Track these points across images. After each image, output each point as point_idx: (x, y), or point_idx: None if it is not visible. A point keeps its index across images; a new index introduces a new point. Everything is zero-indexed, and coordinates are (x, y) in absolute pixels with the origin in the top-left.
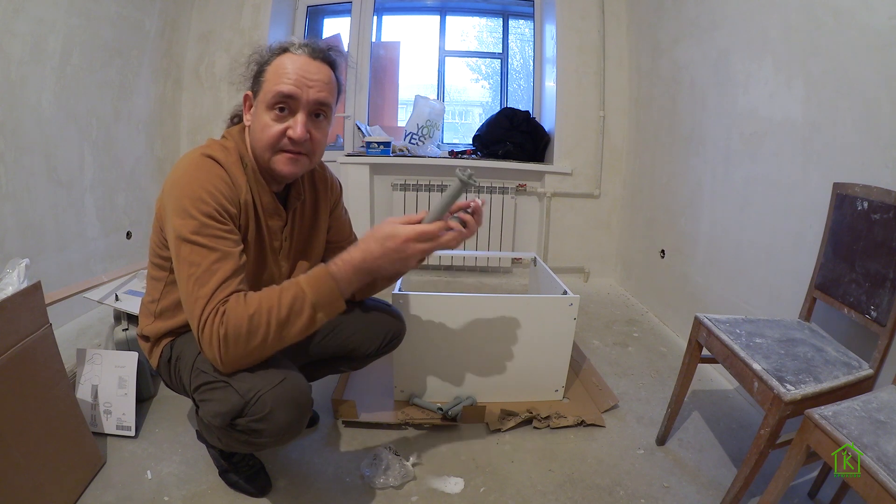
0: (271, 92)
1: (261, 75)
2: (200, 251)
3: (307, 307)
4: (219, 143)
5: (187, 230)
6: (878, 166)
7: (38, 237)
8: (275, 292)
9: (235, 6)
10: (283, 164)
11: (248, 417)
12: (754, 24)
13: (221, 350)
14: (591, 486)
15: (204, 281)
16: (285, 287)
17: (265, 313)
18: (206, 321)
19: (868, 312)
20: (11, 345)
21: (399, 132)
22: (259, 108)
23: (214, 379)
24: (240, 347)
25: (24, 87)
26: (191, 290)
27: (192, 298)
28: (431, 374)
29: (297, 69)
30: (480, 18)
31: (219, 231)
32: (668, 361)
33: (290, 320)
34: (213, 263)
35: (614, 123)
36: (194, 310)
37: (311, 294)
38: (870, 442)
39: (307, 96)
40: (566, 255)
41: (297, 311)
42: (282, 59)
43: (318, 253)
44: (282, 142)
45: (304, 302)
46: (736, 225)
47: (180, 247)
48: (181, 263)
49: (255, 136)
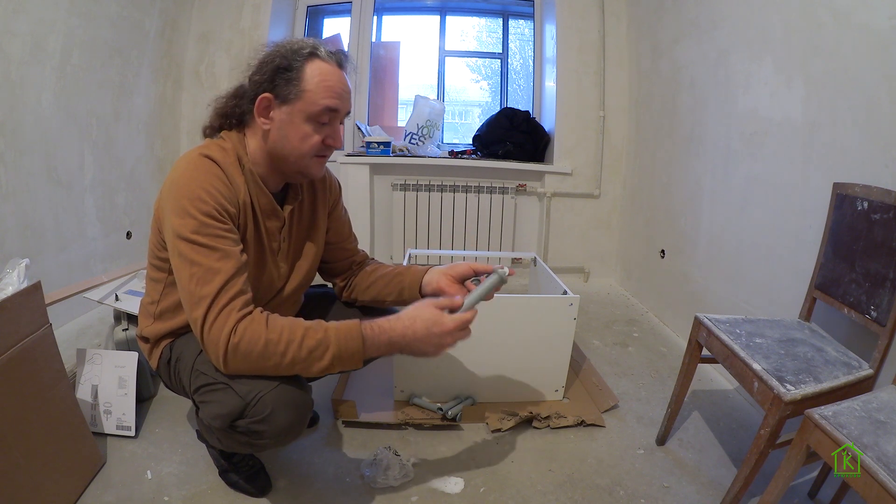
0: (319, 105)
1: (291, 82)
2: (201, 250)
3: (327, 357)
4: (216, 143)
5: (187, 230)
6: (878, 166)
7: (38, 237)
8: (300, 329)
9: (235, 6)
10: (317, 167)
11: (249, 419)
12: (754, 24)
13: (228, 356)
14: (591, 486)
15: (206, 280)
16: (312, 328)
17: (284, 344)
18: (212, 322)
19: (868, 312)
20: (11, 345)
21: (399, 132)
22: (296, 117)
23: (214, 381)
24: (248, 363)
25: (24, 87)
26: (193, 290)
27: (195, 298)
28: (431, 374)
29: (338, 83)
30: (480, 18)
31: (219, 230)
32: (668, 361)
33: (305, 360)
34: (215, 262)
35: (614, 123)
36: (197, 309)
37: (335, 347)
38: (870, 442)
39: (345, 108)
40: (566, 255)
41: (317, 357)
42: (319, 69)
43: (317, 254)
44: (320, 150)
45: (326, 351)
46: (736, 225)
47: (180, 246)
48: (182, 263)
49: (289, 144)
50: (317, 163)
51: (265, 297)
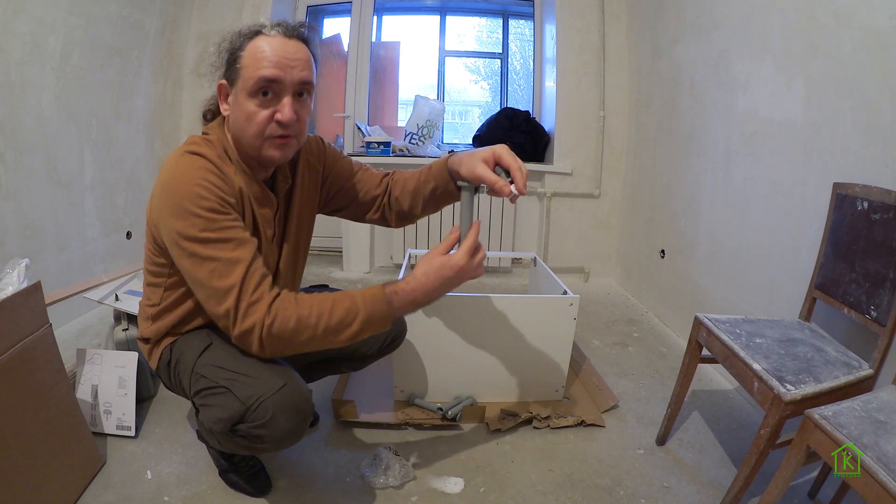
0: (252, 78)
1: (235, 62)
2: (215, 245)
3: (357, 322)
4: (200, 138)
5: (195, 229)
6: (878, 166)
7: (38, 237)
8: (328, 300)
9: (235, 6)
10: (275, 149)
11: (249, 423)
12: (754, 25)
13: (264, 339)
14: (591, 486)
15: (228, 272)
16: (339, 299)
17: (315, 317)
18: (245, 310)
19: (868, 312)
20: (11, 345)
21: (399, 132)
22: (240, 97)
23: (215, 384)
24: (282, 341)
25: (24, 87)
26: (216, 285)
27: (221, 292)
28: (431, 374)
29: (276, 51)
30: (480, 18)
31: (226, 222)
32: (668, 361)
33: (336, 329)
34: (232, 252)
35: (614, 123)
36: (225, 302)
37: (364, 313)
38: (870, 442)
39: (291, 77)
40: (566, 255)
41: (348, 323)
42: (257, 43)
43: (309, 235)
44: (269, 127)
45: (355, 317)
46: (736, 225)
47: (191, 247)
48: (196, 263)
49: (239, 126)
50: (273, 144)
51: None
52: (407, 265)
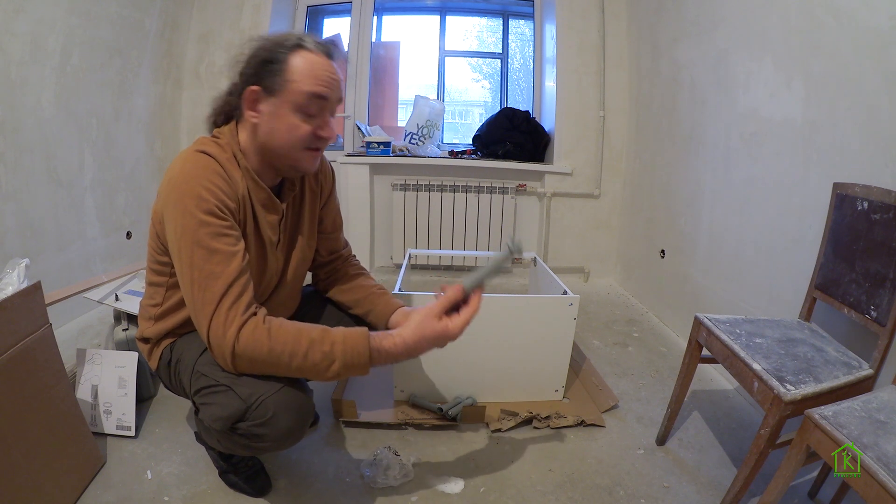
0: (303, 94)
1: (278, 73)
2: (202, 253)
3: (333, 369)
4: (211, 140)
5: (189, 229)
6: (878, 166)
7: (38, 237)
8: (304, 341)
9: (235, 6)
10: (309, 161)
11: (250, 422)
12: (754, 24)
13: (235, 361)
14: (591, 486)
15: (208, 286)
16: (317, 341)
17: (287, 356)
18: (217, 328)
19: (868, 312)
20: (11, 345)
21: (399, 132)
22: (282, 108)
23: (216, 383)
24: (254, 367)
25: (24, 87)
26: (196, 296)
27: (199, 304)
28: (431, 374)
29: (325, 70)
30: (480, 18)
31: (220, 228)
32: (668, 361)
33: (312, 370)
34: (216, 266)
35: (614, 123)
36: (200, 315)
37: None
38: (870, 442)
39: (335, 97)
40: (566, 255)
41: (322, 370)
42: (303, 58)
43: (311, 245)
44: (310, 141)
45: (331, 364)
46: (736, 225)
47: (182, 248)
48: (184, 267)
49: (277, 136)
50: (309, 156)
51: (267, 290)
52: (407, 265)
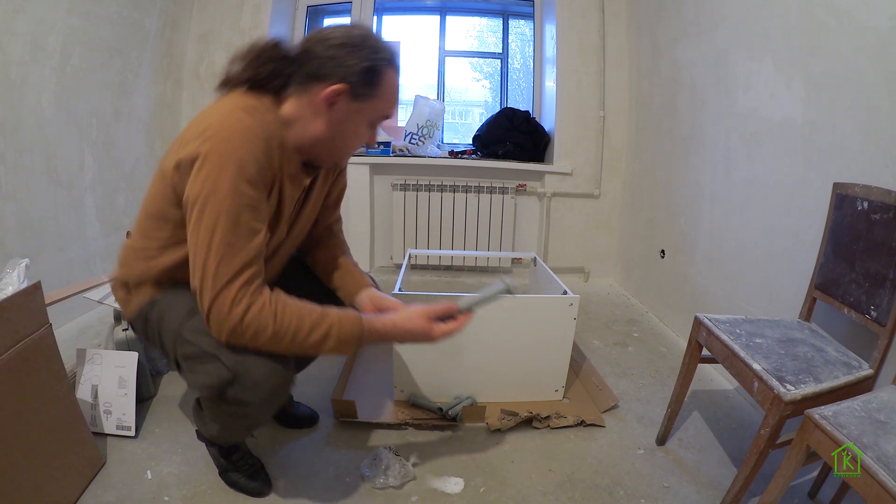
0: (382, 113)
1: (370, 85)
2: (228, 222)
3: (325, 347)
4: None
5: (222, 193)
6: (878, 166)
7: (38, 237)
8: (306, 323)
9: (235, 6)
10: (347, 160)
11: (237, 388)
12: (754, 24)
13: (231, 338)
14: (591, 486)
15: (225, 257)
16: (318, 325)
17: (289, 338)
18: (221, 303)
19: (868, 312)
20: (11, 345)
21: (399, 132)
22: (357, 116)
23: (202, 351)
24: (246, 344)
25: (24, 87)
26: (210, 263)
27: (211, 273)
28: (431, 374)
29: (397, 94)
30: (480, 18)
31: (253, 201)
32: (668, 361)
33: (303, 349)
34: (239, 239)
35: (614, 123)
36: (208, 284)
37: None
38: (870, 442)
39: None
40: (566, 255)
41: (314, 347)
42: (391, 78)
43: (314, 215)
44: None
45: (325, 343)
46: (736, 225)
47: (207, 209)
48: (203, 227)
49: (341, 138)
50: (348, 157)
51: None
52: (407, 265)
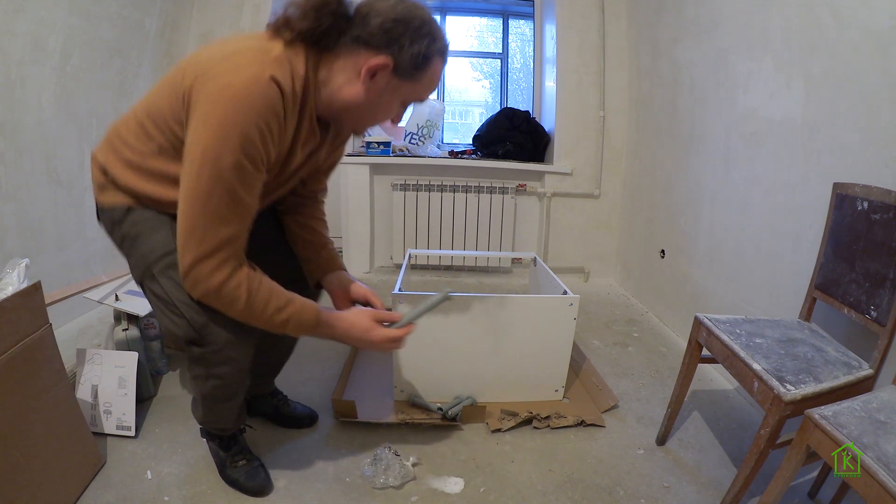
0: (419, 96)
1: (417, 67)
2: (222, 192)
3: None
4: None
5: (220, 161)
6: (878, 166)
7: (38, 237)
8: (272, 306)
9: (235, 6)
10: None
11: (202, 349)
12: (754, 24)
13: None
14: (591, 486)
15: (213, 224)
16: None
17: (257, 315)
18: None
19: (868, 312)
20: (11, 345)
21: (399, 132)
22: (395, 93)
23: (170, 302)
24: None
25: (24, 87)
26: (197, 223)
27: (198, 234)
28: (431, 374)
29: (437, 82)
30: (480, 18)
31: (251, 177)
32: (668, 361)
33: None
34: (231, 212)
35: (614, 123)
36: (192, 243)
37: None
38: (870, 442)
39: None
40: (566, 255)
41: (276, 327)
42: (437, 67)
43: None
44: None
45: (285, 326)
46: (736, 225)
47: (202, 173)
48: (198, 188)
49: (373, 110)
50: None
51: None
52: (407, 265)
